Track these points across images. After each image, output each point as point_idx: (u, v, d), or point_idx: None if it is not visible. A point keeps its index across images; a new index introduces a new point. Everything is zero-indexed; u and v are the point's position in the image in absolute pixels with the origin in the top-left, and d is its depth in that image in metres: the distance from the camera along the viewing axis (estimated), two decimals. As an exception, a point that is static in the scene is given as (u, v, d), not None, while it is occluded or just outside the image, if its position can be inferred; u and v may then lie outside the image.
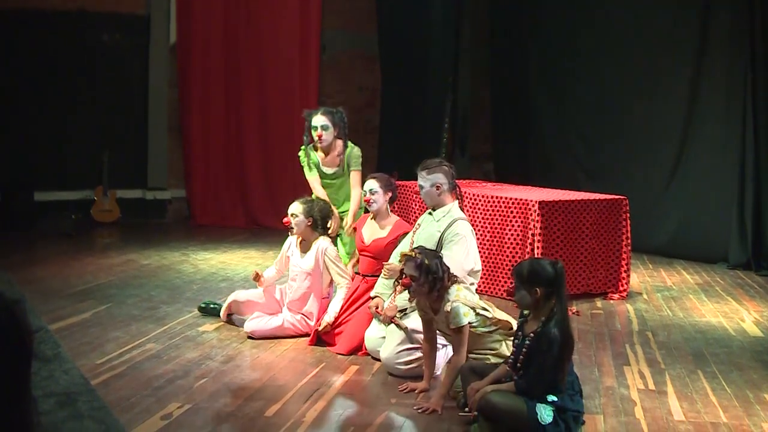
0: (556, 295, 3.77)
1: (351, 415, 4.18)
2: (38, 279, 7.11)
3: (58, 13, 10.31)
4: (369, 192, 5.39)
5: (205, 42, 10.69)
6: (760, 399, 4.50)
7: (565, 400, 3.74)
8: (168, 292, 6.76)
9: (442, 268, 4.28)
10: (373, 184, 5.40)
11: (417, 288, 4.27)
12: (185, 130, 10.90)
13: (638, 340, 5.69)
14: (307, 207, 5.52)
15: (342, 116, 5.91)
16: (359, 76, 11.65)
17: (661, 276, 8.04)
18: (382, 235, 5.38)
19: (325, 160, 5.98)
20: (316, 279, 5.52)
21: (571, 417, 3.75)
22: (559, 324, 3.71)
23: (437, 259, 4.32)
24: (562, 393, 3.74)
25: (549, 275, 3.77)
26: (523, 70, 10.99)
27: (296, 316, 5.51)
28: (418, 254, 4.31)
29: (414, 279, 4.26)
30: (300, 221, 5.51)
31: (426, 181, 5.01)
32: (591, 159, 10.10)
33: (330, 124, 5.83)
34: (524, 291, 3.81)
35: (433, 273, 4.23)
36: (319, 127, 5.81)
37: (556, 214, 6.74)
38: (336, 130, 5.87)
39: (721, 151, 8.66)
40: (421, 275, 4.24)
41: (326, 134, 5.83)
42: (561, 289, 3.78)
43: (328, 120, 5.83)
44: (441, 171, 5.00)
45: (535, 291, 3.77)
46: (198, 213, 10.80)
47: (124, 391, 4.34)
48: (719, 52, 8.63)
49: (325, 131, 5.82)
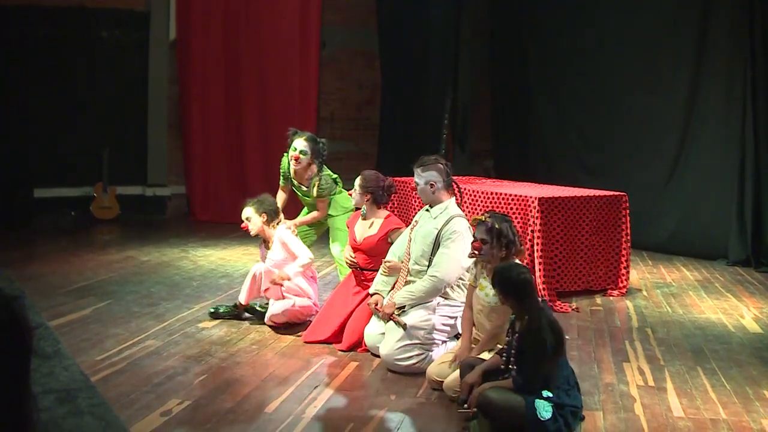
0: (526, 300, 3.83)
1: (351, 411, 4.18)
2: (38, 276, 7.11)
3: (58, 9, 10.31)
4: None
5: (205, 38, 10.69)
6: (760, 395, 4.50)
7: (560, 395, 3.75)
8: (168, 289, 6.77)
9: (513, 231, 4.35)
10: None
11: (488, 251, 4.33)
12: (185, 126, 10.90)
13: (638, 337, 5.69)
14: (256, 206, 5.78)
15: (323, 147, 6.14)
16: (359, 72, 11.66)
17: (660, 272, 8.05)
18: (372, 232, 5.43)
19: (297, 177, 6.22)
20: (289, 263, 5.71)
21: (569, 412, 3.76)
22: (537, 324, 3.74)
23: (507, 222, 4.37)
24: (557, 388, 3.74)
25: (512, 285, 3.86)
26: (523, 67, 10.99)
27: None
28: (488, 218, 4.36)
29: (485, 242, 4.33)
30: (255, 222, 5.78)
31: (420, 178, 5.02)
32: (591, 156, 10.11)
33: (309, 151, 6.07)
34: (497, 291, 3.98)
35: (505, 236, 4.30)
36: (298, 151, 6.05)
37: (556, 210, 6.74)
38: (312, 157, 6.09)
39: (721, 147, 8.66)
40: (493, 238, 4.30)
41: (303, 158, 6.08)
42: (527, 298, 3.83)
43: (308, 147, 6.07)
44: (435, 169, 5.00)
45: (502, 297, 3.93)
46: (198, 209, 10.80)
47: (124, 387, 4.34)
48: (719, 50, 8.62)
49: (302, 155, 6.07)
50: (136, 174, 10.85)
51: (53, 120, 10.35)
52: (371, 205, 5.45)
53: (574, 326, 5.92)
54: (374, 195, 5.44)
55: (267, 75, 10.70)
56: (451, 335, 4.92)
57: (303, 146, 6.05)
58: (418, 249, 4.96)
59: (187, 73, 10.77)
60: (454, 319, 4.89)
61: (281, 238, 5.72)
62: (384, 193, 5.48)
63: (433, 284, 4.78)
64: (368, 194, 5.43)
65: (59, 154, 10.40)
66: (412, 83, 10.98)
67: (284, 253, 5.72)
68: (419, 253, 4.94)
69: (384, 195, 5.49)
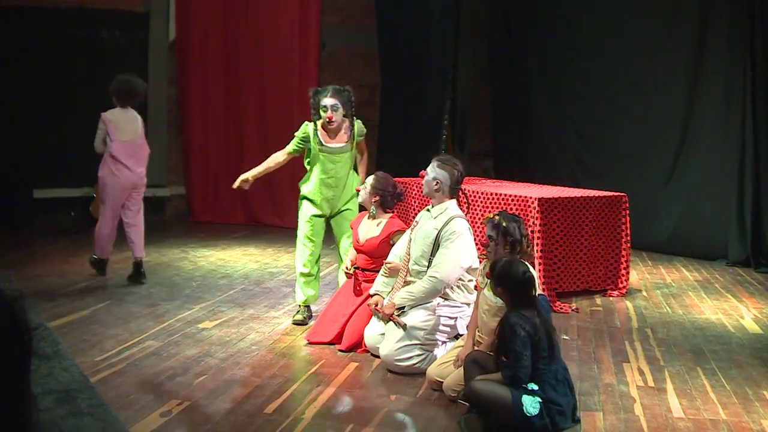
0: (521, 298, 3.87)
1: (350, 411, 4.18)
2: (37, 276, 7.10)
3: (57, 9, 10.30)
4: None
5: (205, 39, 10.68)
6: (759, 396, 4.50)
7: (546, 389, 3.75)
8: (167, 290, 6.76)
9: (521, 231, 4.35)
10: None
11: (494, 248, 4.36)
12: (184, 127, 10.90)
13: (637, 337, 5.69)
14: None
15: (350, 95, 5.83)
16: (359, 72, 11.65)
17: (660, 273, 8.04)
18: (375, 234, 5.43)
19: (331, 138, 5.86)
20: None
21: (555, 410, 3.76)
22: (516, 313, 3.81)
23: (516, 222, 4.38)
24: (544, 382, 3.76)
25: (514, 281, 3.89)
26: (522, 67, 10.99)
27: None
28: (497, 216, 4.38)
29: (491, 239, 4.36)
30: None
31: (432, 171, 5.02)
32: (590, 156, 10.11)
33: (339, 104, 5.75)
34: (492, 284, 4.01)
35: (510, 234, 4.31)
36: (329, 108, 5.71)
37: (556, 211, 6.74)
38: (345, 109, 5.79)
39: (720, 148, 8.66)
40: (498, 235, 4.32)
41: (336, 115, 5.73)
42: (524, 295, 3.88)
43: (338, 100, 5.74)
44: (447, 171, 4.99)
45: (498, 288, 3.95)
46: (197, 210, 10.80)
47: (124, 388, 4.34)
48: (719, 50, 8.62)
49: (335, 112, 5.72)
50: (136, 174, 10.84)
51: (52, 120, 10.34)
52: (378, 207, 5.46)
53: (573, 327, 5.92)
54: (383, 198, 5.45)
55: (266, 75, 10.69)
56: (451, 335, 4.92)
57: (333, 102, 5.72)
58: (417, 249, 4.96)
59: (187, 73, 10.77)
60: (454, 319, 4.89)
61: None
62: (392, 198, 5.50)
63: (432, 285, 4.78)
64: (378, 196, 5.43)
65: (59, 154, 10.38)
66: (411, 83, 10.97)
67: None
68: (419, 254, 4.94)
69: (392, 201, 5.50)
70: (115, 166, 6.88)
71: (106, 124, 6.87)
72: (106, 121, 6.87)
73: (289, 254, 8.54)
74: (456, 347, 4.60)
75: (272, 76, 10.71)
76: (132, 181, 6.95)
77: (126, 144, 6.92)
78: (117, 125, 6.89)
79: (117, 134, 6.88)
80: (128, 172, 6.92)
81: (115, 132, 6.87)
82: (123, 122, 6.94)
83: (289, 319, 5.91)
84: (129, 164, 6.92)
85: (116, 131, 6.88)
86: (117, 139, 6.87)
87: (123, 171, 6.90)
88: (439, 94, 10.67)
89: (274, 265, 7.95)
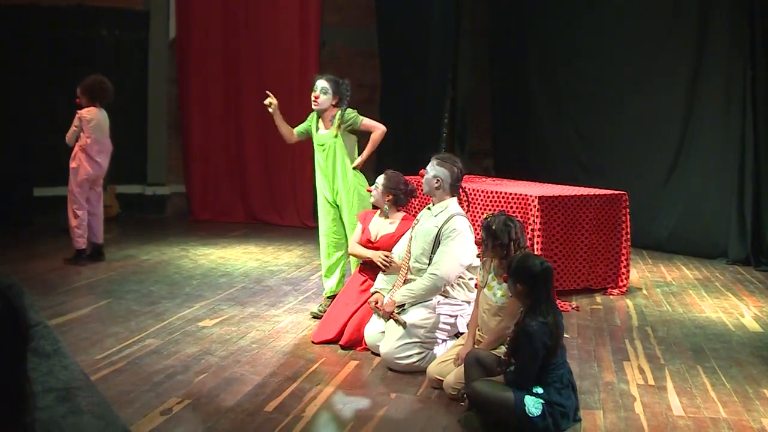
0: (539, 292, 3.80)
1: (351, 410, 4.18)
2: (37, 274, 7.11)
3: (57, 8, 10.29)
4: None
5: (205, 37, 10.68)
6: (760, 394, 4.50)
7: (551, 393, 3.75)
8: (167, 288, 6.76)
9: (511, 236, 4.30)
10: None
11: (484, 249, 4.38)
12: (185, 125, 10.90)
13: (638, 336, 5.69)
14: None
15: (346, 87, 5.82)
16: (359, 71, 11.63)
17: (660, 271, 8.05)
18: (390, 231, 5.42)
19: (324, 128, 5.89)
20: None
21: (558, 412, 3.76)
22: (536, 319, 3.74)
23: (507, 226, 4.33)
24: (549, 385, 3.75)
25: (532, 273, 3.81)
26: (523, 67, 10.98)
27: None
28: (489, 217, 4.39)
29: (483, 240, 4.37)
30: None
31: (432, 169, 5.02)
32: (591, 155, 10.10)
33: (330, 90, 5.77)
34: (510, 282, 3.93)
35: (498, 239, 4.29)
36: (318, 89, 5.77)
37: (556, 209, 6.74)
38: (335, 98, 5.80)
39: (720, 146, 8.66)
40: (487, 238, 4.33)
41: (323, 98, 5.76)
42: (542, 288, 3.81)
43: (329, 85, 5.78)
44: (447, 168, 4.99)
45: (516, 285, 3.86)
46: (197, 208, 10.80)
47: (124, 386, 4.34)
48: (719, 50, 8.62)
49: (323, 94, 5.76)
50: (136, 173, 10.84)
51: (52, 118, 10.32)
52: (392, 205, 5.48)
53: (574, 325, 5.92)
54: (396, 196, 5.46)
55: (266, 74, 10.67)
56: (452, 334, 4.92)
57: (324, 85, 5.77)
58: (418, 247, 4.96)
59: (187, 72, 10.76)
60: (454, 317, 4.89)
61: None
62: (405, 196, 5.51)
63: (432, 282, 4.78)
64: (391, 194, 5.45)
65: (59, 153, 10.36)
66: (411, 82, 10.97)
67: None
68: (419, 251, 4.94)
69: (404, 198, 5.52)
70: (89, 161, 7.54)
71: (84, 123, 7.45)
72: (85, 120, 7.46)
73: (288, 252, 8.54)
74: (456, 345, 4.61)
75: (272, 76, 10.69)
76: (99, 175, 7.69)
77: (100, 143, 7.59)
78: (98, 125, 7.53)
79: (97, 134, 7.51)
80: (98, 167, 7.62)
81: (95, 131, 7.49)
82: (102, 122, 7.58)
83: (289, 317, 5.92)
84: (100, 160, 7.60)
85: (96, 130, 7.51)
86: (93, 137, 7.50)
87: (94, 166, 7.58)
88: (439, 94, 10.66)
89: (275, 263, 7.95)
